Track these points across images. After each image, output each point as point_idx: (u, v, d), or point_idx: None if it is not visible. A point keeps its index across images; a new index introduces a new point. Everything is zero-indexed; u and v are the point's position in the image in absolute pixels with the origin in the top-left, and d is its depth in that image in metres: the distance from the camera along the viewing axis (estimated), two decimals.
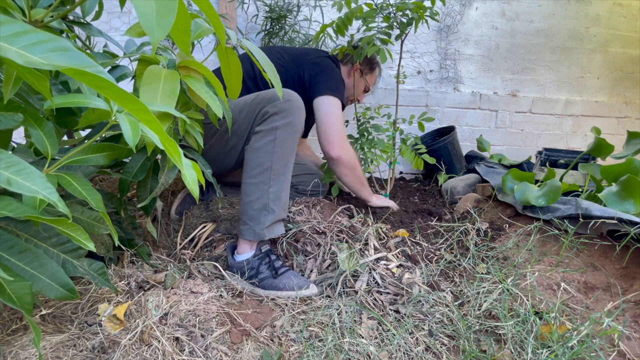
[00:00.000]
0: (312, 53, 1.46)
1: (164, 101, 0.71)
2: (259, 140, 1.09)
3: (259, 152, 1.08)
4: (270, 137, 1.08)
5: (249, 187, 1.09)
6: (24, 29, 0.39)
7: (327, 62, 1.44)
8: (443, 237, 1.30)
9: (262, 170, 1.08)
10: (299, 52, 1.47)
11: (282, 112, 1.07)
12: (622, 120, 2.69)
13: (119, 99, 0.41)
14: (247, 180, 1.10)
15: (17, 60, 0.37)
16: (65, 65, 0.37)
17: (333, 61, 1.48)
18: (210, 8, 0.61)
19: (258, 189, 1.08)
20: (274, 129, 1.07)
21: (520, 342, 0.84)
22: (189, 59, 0.82)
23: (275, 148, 1.08)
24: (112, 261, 1.04)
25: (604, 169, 1.36)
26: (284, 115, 1.07)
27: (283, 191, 1.11)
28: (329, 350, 0.83)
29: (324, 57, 1.46)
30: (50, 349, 0.78)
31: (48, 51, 0.38)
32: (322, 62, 1.43)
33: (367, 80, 1.61)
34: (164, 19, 0.45)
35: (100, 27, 0.97)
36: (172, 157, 0.52)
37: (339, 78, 1.43)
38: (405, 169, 2.44)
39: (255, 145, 1.09)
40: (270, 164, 1.08)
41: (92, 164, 0.75)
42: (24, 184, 0.47)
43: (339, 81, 1.42)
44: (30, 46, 0.38)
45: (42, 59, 0.37)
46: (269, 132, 1.08)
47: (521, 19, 2.43)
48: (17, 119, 0.64)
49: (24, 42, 0.38)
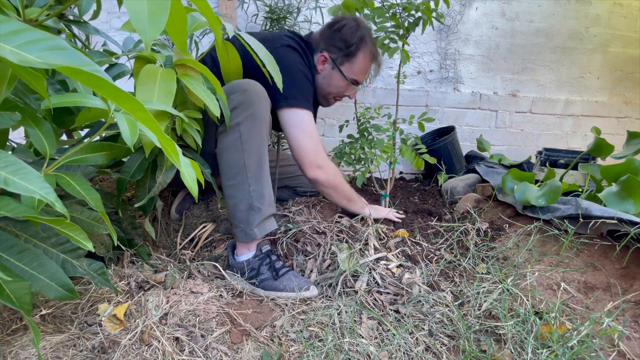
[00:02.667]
0: (270, 40, 1.16)
1: (161, 101, 0.71)
2: (225, 140, 1.03)
3: (229, 152, 1.03)
4: (235, 134, 1.01)
5: (230, 190, 1.06)
6: (20, 27, 0.39)
7: (284, 54, 1.15)
8: (443, 237, 1.30)
9: (237, 170, 1.03)
10: (260, 38, 1.08)
11: (241, 105, 1.00)
12: (622, 120, 2.69)
13: (115, 97, 0.41)
14: (226, 182, 1.06)
15: (11, 59, 0.36)
16: (61, 64, 0.37)
17: (295, 48, 1.20)
18: (206, 4, 0.60)
19: (239, 191, 1.04)
20: (237, 124, 1.01)
21: (520, 342, 0.84)
22: (186, 56, 0.82)
23: (244, 145, 1.01)
24: (112, 261, 1.04)
25: (604, 169, 1.36)
26: (243, 108, 1.00)
27: (264, 187, 1.07)
28: (329, 350, 0.83)
29: (280, 47, 1.16)
30: (50, 349, 0.78)
31: (44, 50, 0.38)
32: (275, 56, 1.02)
33: (345, 72, 1.26)
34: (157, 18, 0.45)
35: (100, 26, 0.97)
36: (170, 156, 0.52)
37: (299, 77, 1.16)
38: (405, 169, 2.44)
39: (223, 145, 1.03)
40: (244, 162, 1.02)
41: (90, 163, 0.75)
42: (21, 183, 0.46)
43: (299, 82, 1.16)
44: (26, 45, 0.38)
45: (37, 58, 0.37)
46: (233, 129, 1.01)
47: (521, 19, 2.43)
48: (14, 118, 0.64)
49: (19, 40, 0.38)
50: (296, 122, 1.15)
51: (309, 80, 1.21)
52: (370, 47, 1.26)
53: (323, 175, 1.18)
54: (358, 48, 1.24)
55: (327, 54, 1.25)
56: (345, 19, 1.26)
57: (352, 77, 1.28)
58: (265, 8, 1.94)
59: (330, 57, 1.25)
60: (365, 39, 1.24)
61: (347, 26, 1.24)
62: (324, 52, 1.26)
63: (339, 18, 1.28)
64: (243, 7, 1.98)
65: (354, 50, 1.24)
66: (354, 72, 1.27)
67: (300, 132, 1.15)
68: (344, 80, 1.28)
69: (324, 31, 1.27)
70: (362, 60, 1.26)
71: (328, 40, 1.25)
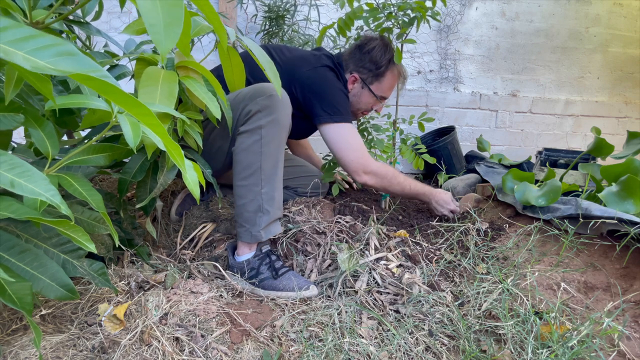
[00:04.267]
0: (307, 61, 1.29)
1: (163, 103, 0.72)
2: (245, 141, 1.04)
3: (246, 153, 1.04)
4: (256, 136, 1.03)
5: (241, 190, 1.07)
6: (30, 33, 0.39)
7: (325, 74, 1.27)
8: (443, 237, 1.30)
9: (252, 171, 1.05)
10: (297, 57, 1.32)
11: (266, 109, 1.02)
12: (622, 120, 2.70)
13: (124, 103, 0.41)
14: (238, 182, 1.07)
15: (24, 65, 0.37)
16: (72, 71, 0.38)
17: (333, 69, 1.31)
18: (210, 8, 0.61)
19: (250, 191, 1.06)
20: (259, 127, 1.03)
21: (520, 342, 0.84)
22: (187, 58, 0.82)
23: (262, 148, 1.03)
24: (112, 261, 1.04)
25: (604, 169, 1.36)
26: (267, 112, 1.02)
27: (276, 190, 1.09)
28: (329, 350, 0.83)
29: (320, 67, 1.28)
30: (50, 349, 0.78)
31: (54, 56, 0.38)
32: (317, 75, 1.25)
33: (374, 90, 1.38)
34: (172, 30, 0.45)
35: (100, 27, 0.97)
36: (175, 160, 0.52)
37: (338, 94, 1.27)
38: (405, 169, 2.44)
39: (242, 146, 1.05)
40: (260, 165, 1.04)
41: (92, 164, 0.75)
42: (27, 186, 0.47)
43: (339, 98, 1.26)
44: (37, 51, 0.38)
45: (48, 64, 0.37)
46: (254, 132, 1.03)
47: (521, 19, 2.43)
48: (17, 120, 0.64)
49: (31, 46, 0.38)
50: (339, 136, 1.25)
51: (346, 96, 1.31)
52: (397, 65, 1.38)
53: (371, 179, 1.28)
54: (387, 68, 1.36)
55: (358, 74, 1.37)
56: (373, 40, 1.36)
57: (381, 94, 1.41)
58: (264, 8, 1.95)
59: (361, 77, 1.37)
60: (393, 60, 1.35)
61: (376, 49, 1.34)
62: (354, 72, 1.37)
63: (367, 39, 1.37)
64: (242, 6, 1.98)
65: (383, 71, 1.36)
66: (382, 90, 1.40)
67: (343, 145, 1.25)
68: (373, 97, 1.40)
69: (354, 52, 1.38)
70: (390, 79, 1.39)
71: (358, 62, 1.36)
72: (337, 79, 1.31)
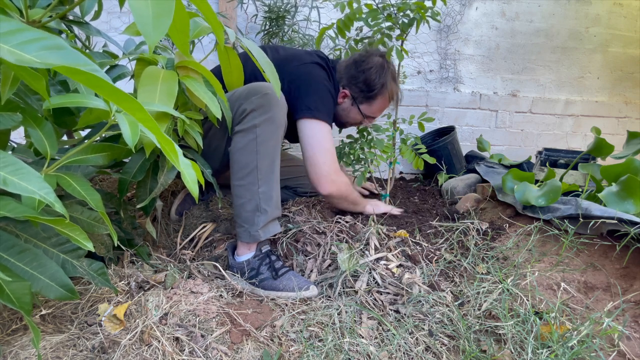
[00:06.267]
0: (299, 58, 1.26)
1: (162, 102, 0.72)
2: (241, 141, 1.04)
3: (243, 153, 1.04)
4: (251, 135, 1.03)
5: (239, 190, 1.07)
6: (18, 27, 0.38)
7: (313, 70, 1.23)
8: (443, 237, 1.30)
9: (249, 171, 1.04)
10: (290, 54, 1.30)
11: (260, 108, 1.02)
12: (622, 120, 2.69)
13: (113, 97, 0.40)
14: (235, 182, 1.07)
15: (9, 59, 0.36)
16: (59, 64, 0.37)
17: (324, 68, 1.27)
18: (207, 6, 0.61)
19: (247, 191, 1.05)
20: (254, 126, 1.02)
21: (520, 342, 0.84)
22: (187, 58, 0.82)
23: (258, 147, 1.03)
24: (112, 261, 1.04)
25: (604, 169, 1.36)
26: (262, 111, 1.02)
27: (273, 190, 1.08)
28: (329, 350, 0.83)
29: (310, 63, 1.24)
30: (50, 349, 0.78)
31: (41, 49, 0.37)
32: (305, 70, 1.21)
33: (363, 110, 1.35)
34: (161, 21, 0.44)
35: (100, 27, 0.97)
36: (169, 156, 0.52)
37: (324, 92, 1.22)
38: (405, 169, 2.44)
39: (238, 145, 1.04)
40: (256, 164, 1.04)
41: (91, 164, 0.75)
42: (20, 183, 0.46)
43: (323, 96, 1.22)
44: (23, 44, 0.37)
45: (35, 57, 0.36)
46: (249, 131, 1.03)
47: (521, 19, 2.43)
48: (15, 119, 0.64)
49: (17, 40, 0.37)
50: (315, 134, 1.19)
51: (332, 98, 1.26)
52: (390, 89, 1.31)
53: (336, 191, 1.23)
54: (379, 93, 1.31)
55: (349, 91, 1.32)
56: (372, 58, 1.29)
57: (369, 114, 1.37)
58: (264, 8, 1.94)
59: (352, 94, 1.32)
60: (387, 85, 1.30)
61: (372, 70, 1.28)
62: (345, 88, 1.32)
63: (366, 56, 1.31)
64: (242, 7, 1.98)
65: (375, 94, 1.31)
66: (371, 111, 1.36)
67: (317, 145, 1.19)
68: (361, 116, 1.36)
69: (350, 67, 1.31)
70: (381, 102, 1.35)
71: (352, 79, 1.31)
72: (327, 78, 1.27)
